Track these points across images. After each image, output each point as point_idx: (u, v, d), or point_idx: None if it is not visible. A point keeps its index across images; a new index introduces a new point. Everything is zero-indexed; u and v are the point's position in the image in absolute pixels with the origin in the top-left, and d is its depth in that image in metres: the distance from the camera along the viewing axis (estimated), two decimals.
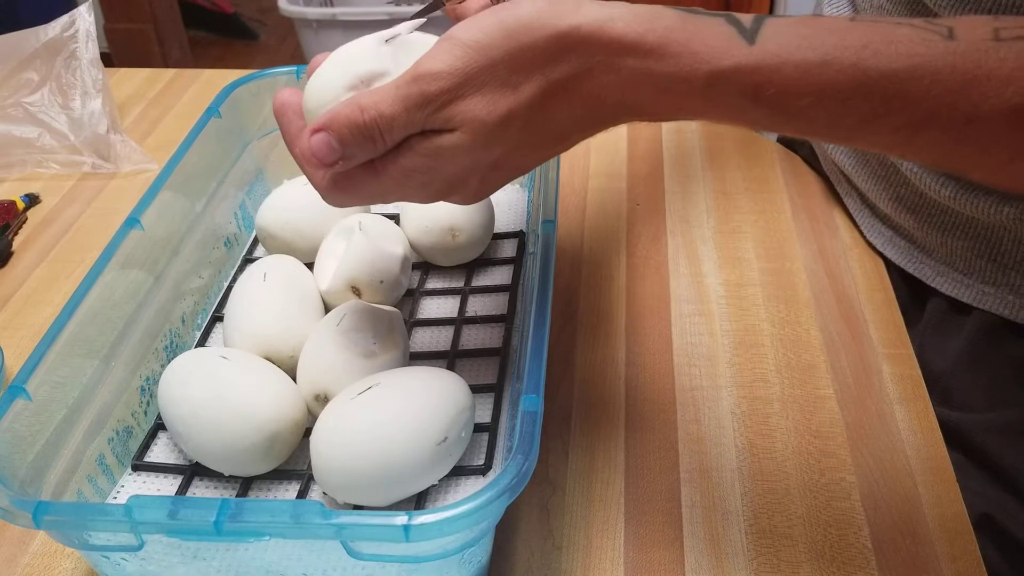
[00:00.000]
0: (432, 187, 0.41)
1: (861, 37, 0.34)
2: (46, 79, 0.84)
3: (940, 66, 0.33)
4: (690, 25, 0.36)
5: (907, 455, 0.53)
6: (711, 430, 0.55)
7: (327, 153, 0.39)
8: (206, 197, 0.62)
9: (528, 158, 0.42)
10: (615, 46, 0.36)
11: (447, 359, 0.57)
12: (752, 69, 0.35)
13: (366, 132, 0.38)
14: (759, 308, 0.64)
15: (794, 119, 0.36)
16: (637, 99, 0.38)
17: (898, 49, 0.34)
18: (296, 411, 0.50)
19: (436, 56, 0.38)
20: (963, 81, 0.33)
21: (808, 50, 0.34)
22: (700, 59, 0.35)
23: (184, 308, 0.59)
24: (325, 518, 0.37)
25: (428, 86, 0.37)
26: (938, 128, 0.34)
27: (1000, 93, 0.33)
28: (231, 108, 0.65)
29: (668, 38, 0.36)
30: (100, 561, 0.43)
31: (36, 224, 0.75)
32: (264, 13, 2.90)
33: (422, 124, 0.38)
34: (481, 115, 0.38)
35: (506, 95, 0.38)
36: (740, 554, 0.49)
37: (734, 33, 0.36)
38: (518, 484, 0.38)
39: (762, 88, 0.35)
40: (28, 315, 0.66)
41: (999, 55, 0.33)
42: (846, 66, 0.34)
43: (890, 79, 0.34)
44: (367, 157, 0.40)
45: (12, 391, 0.43)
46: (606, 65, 0.37)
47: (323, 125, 0.39)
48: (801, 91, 0.34)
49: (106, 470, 0.49)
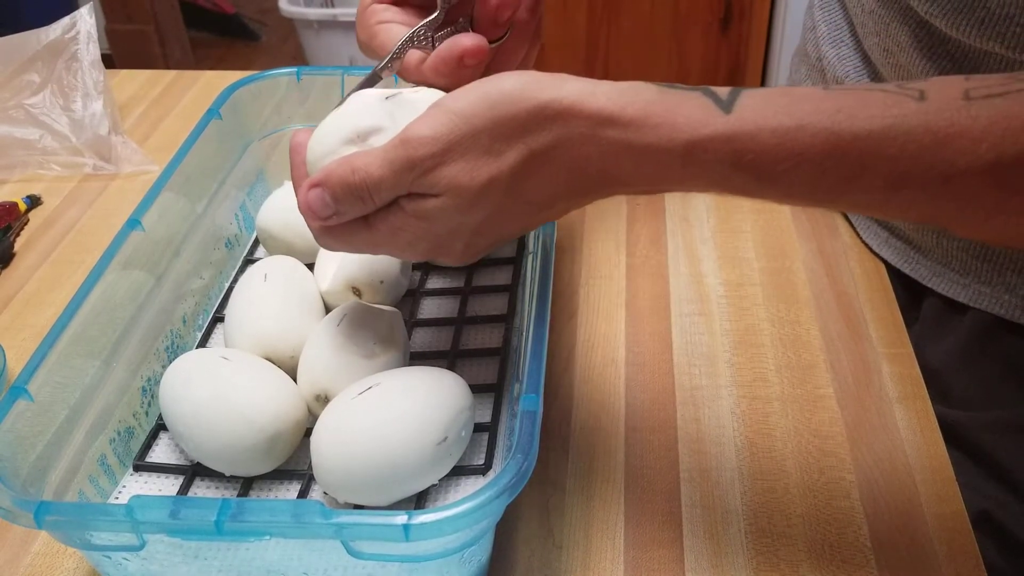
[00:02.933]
0: (419, 246, 0.43)
1: (835, 103, 0.35)
2: (47, 81, 0.84)
3: (913, 125, 0.34)
4: (668, 99, 0.37)
5: (907, 454, 0.54)
6: (711, 429, 0.55)
7: (321, 208, 0.42)
8: (207, 198, 0.62)
9: (510, 225, 0.43)
10: (595, 118, 0.37)
11: (447, 359, 0.57)
12: (730, 137, 0.36)
13: (356, 192, 0.41)
14: (759, 308, 0.64)
15: (774, 184, 0.36)
16: (619, 170, 0.39)
17: (871, 111, 0.35)
18: (297, 411, 0.50)
19: (423, 122, 0.39)
20: (937, 139, 0.34)
21: (784, 116, 0.35)
22: (679, 129, 0.36)
23: (185, 309, 0.59)
24: (326, 518, 0.37)
25: (414, 151, 0.39)
26: (915, 187, 0.35)
27: (974, 150, 0.33)
28: (232, 109, 0.65)
29: (647, 111, 0.37)
30: (102, 561, 0.44)
31: (37, 225, 0.76)
32: (265, 14, 2.90)
33: (408, 187, 0.40)
34: (464, 181, 0.39)
35: (488, 162, 0.39)
36: (740, 553, 0.49)
37: (711, 104, 0.37)
38: (518, 483, 0.39)
39: (741, 155, 0.36)
40: (30, 316, 0.66)
41: (971, 113, 0.34)
42: (820, 130, 0.35)
43: (864, 140, 0.34)
44: (358, 214, 0.42)
45: (14, 392, 0.43)
46: (587, 136, 0.38)
47: (318, 181, 0.42)
48: (779, 156, 0.35)
49: (107, 470, 0.49)
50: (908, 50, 0.57)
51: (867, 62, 0.64)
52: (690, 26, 1.83)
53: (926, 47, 0.56)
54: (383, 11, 0.51)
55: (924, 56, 0.56)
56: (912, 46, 0.57)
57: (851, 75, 0.65)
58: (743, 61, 1.87)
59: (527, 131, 0.38)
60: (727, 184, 0.38)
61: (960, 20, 0.52)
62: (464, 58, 0.46)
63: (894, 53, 0.59)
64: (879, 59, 0.61)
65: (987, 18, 0.51)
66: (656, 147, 0.37)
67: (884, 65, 0.61)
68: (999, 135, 0.33)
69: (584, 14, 1.84)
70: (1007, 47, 0.51)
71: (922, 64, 0.56)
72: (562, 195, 0.41)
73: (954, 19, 0.52)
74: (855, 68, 0.65)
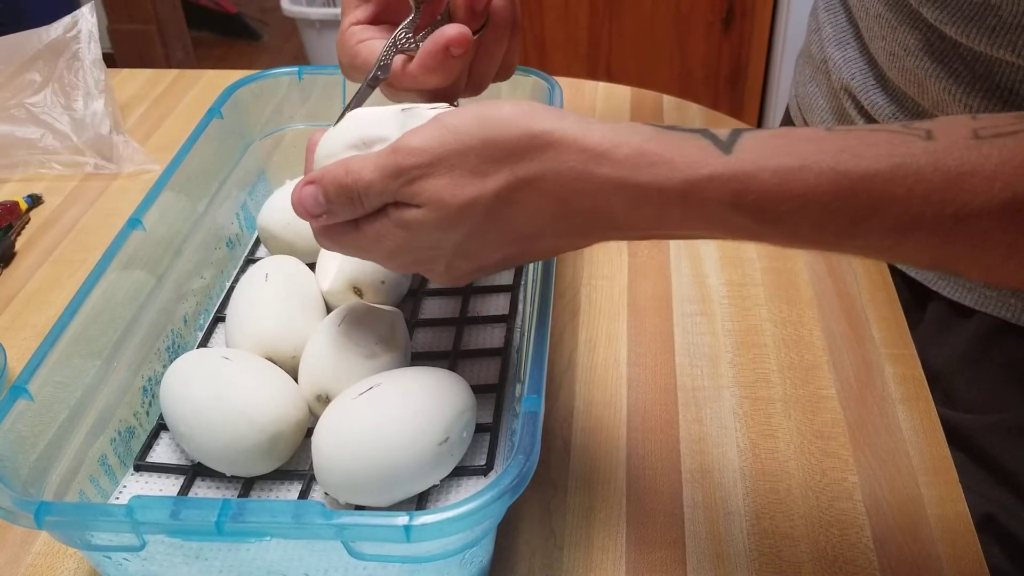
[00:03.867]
0: (400, 258, 0.43)
1: (838, 143, 0.34)
2: (48, 80, 0.84)
3: (922, 165, 0.33)
4: (665, 138, 0.37)
5: (909, 455, 0.53)
6: (713, 430, 0.55)
7: (312, 205, 0.43)
8: (208, 198, 0.62)
9: (492, 252, 0.42)
10: (588, 153, 0.37)
11: (448, 359, 0.57)
12: (729, 177, 0.35)
13: (347, 192, 0.41)
14: (761, 308, 0.64)
15: (778, 225, 0.35)
16: (612, 210, 0.38)
17: (877, 151, 0.34)
18: (298, 411, 0.50)
19: (417, 133, 0.40)
20: (947, 179, 0.33)
21: (785, 156, 0.34)
22: (675, 168, 0.36)
23: (186, 308, 0.59)
24: (326, 518, 0.37)
25: (403, 159, 0.39)
26: (927, 229, 0.33)
27: (988, 189, 0.32)
28: (233, 109, 0.65)
29: (643, 148, 0.36)
30: (102, 561, 0.44)
31: (39, 225, 0.76)
32: (267, 13, 2.90)
33: (394, 194, 0.40)
34: (445, 196, 0.39)
35: (473, 182, 0.39)
36: (742, 554, 0.48)
37: (709, 145, 0.36)
38: (519, 484, 0.39)
39: (741, 195, 0.35)
40: (30, 315, 0.66)
41: (982, 152, 0.33)
42: (825, 169, 0.34)
43: (872, 180, 0.33)
44: (348, 216, 0.42)
45: (14, 391, 0.43)
46: (577, 172, 0.37)
47: (313, 179, 0.42)
48: (781, 196, 0.34)
49: (108, 470, 0.49)
50: (915, 54, 0.57)
51: (873, 65, 0.64)
52: (692, 25, 1.83)
53: (936, 52, 0.56)
54: (362, 31, 0.51)
55: (932, 60, 0.56)
56: (920, 51, 0.56)
57: (857, 77, 0.65)
58: (745, 61, 1.87)
59: (515, 157, 0.38)
60: (728, 227, 0.36)
61: (971, 28, 0.51)
62: (450, 48, 0.46)
63: (900, 57, 0.58)
64: (885, 62, 0.61)
65: (998, 26, 0.50)
66: (651, 187, 0.36)
67: (891, 69, 0.60)
68: (1012, 173, 0.32)
69: (586, 13, 1.84)
70: (1018, 55, 0.50)
71: (931, 67, 0.56)
72: (548, 231, 0.40)
73: (964, 27, 0.52)
74: (860, 71, 0.65)
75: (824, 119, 0.70)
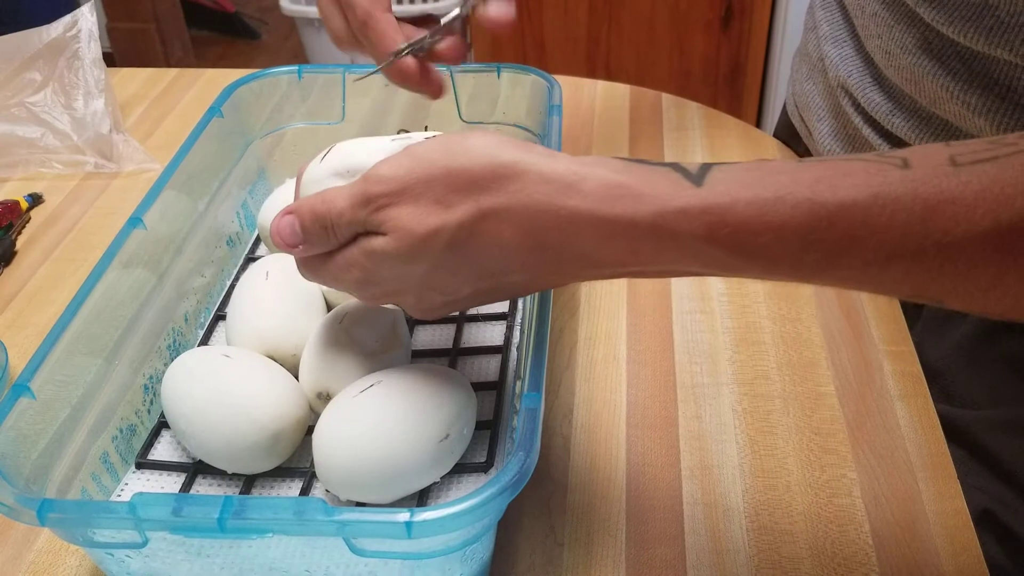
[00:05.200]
0: (369, 289, 0.43)
1: (813, 174, 0.34)
2: (49, 79, 0.84)
3: (900, 194, 0.32)
4: (634, 171, 0.36)
5: (908, 452, 0.54)
6: (712, 427, 0.55)
7: (289, 235, 0.43)
8: (208, 196, 0.62)
9: (461, 285, 0.42)
10: (554, 184, 0.36)
11: (449, 357, 0.57)
12: (702, 210, 0.34)
13: (321, 222, 0.41)
14: (760, 305, 0.64)
15: (756, 259, 0.35)
16: (581, 244, 0.37)
17: (854, 181, 0.33)
18: (298, 409, 0.50)
19: (387, 162, 0.40)
20: (928, 208, 0.32)
21: (759, 188, 0.34)
22: (645, 201, 0.35)
23: (187, 307, 0.59)
24: (328, 515, 0.37)
25: (372, 187, 0.40)
26: (909, 259, 0.33)
27: (969, 217, 0.31)
28: (233, 107, 0.65)
29: (611, 180, 0.36)
30: (104, 558, 0.44)
31: (39, 223, 0.76)
32: (266, 12, 2.90)
33: (363, 223, 0.40)
34: (410, 224, 0.39)
35: (436, 212, 0.39)
36: (741, 550, 0.49)
37: (680, 178, 0.35)
38: (519, 481, 0.39)
39: (715, 228, 0.34)
40: (32, 314, 0.66)
41: (960, 179, 0.32)
42: (801, 200, 0.33)
43: (850, 210, 0.33)
44: (323, 247, 0.42)
45: (16, 389, 0.43)
46: (544, 204, 0.37)
47: (291, 209, 0.43)
48: (757, 229, 0.34)
49: (110, 468, 0.50)
50: (912, 52, 0.57)
51: (869, 63, 0.64)
52: (691, 24, 1.83)
53: (932, 50, 0.56)
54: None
55: (929, 59, 0.56)
56: (916, 49, 0.57)
57: (853, 75, 0.65)
58: (743, 59, 1.87)
59: (480, 188, 0.38)
60: (704, 261, 0.36)
61: (968, 28, 0.52)
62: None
63: (897, 55, 0.58)
64: (882, 60, 0.61)
65: (996, 26, 0.50)
66: (622, 219, 0.35)
67: (887, 67, 0.61)
68: (993, 200, 0.31)
69: (585, 12, 1.84)
70: (1016, 54, 0.50)
71: (928, 66, 0.56)
72: (516, 266, 0.39)
73: (962, 26, 0.52)
74: (857, 69, 0.65)
75: (821, 117, 0.71)
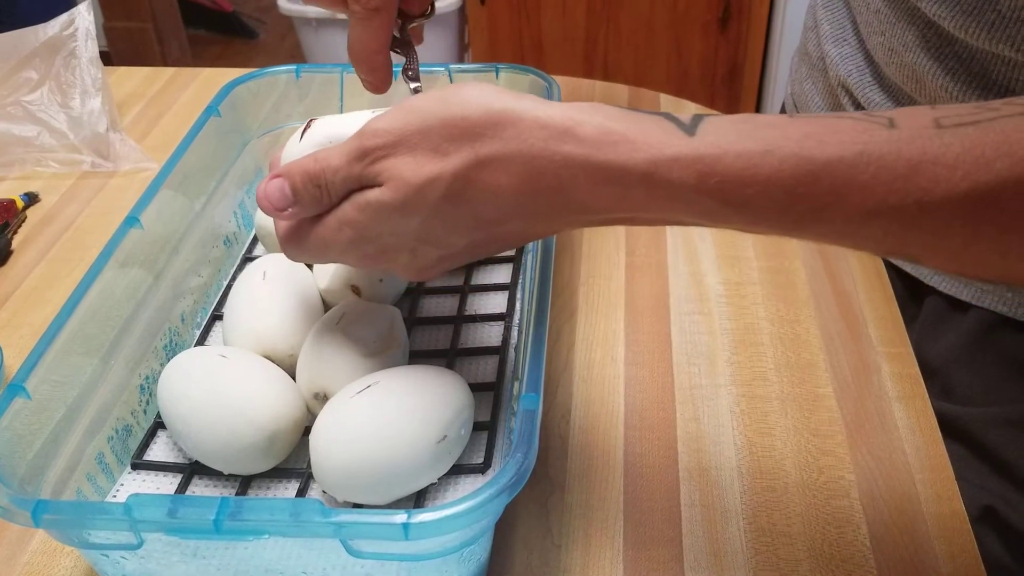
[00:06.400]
0: (362, 247, 0.43)
1: (801, 129, 0.35)
2: (45, 78, 0.84)
3: (885, 152, 0.33)
4: (629, 119, 0.37)
5: (906, 453, 0.53)
6: (710, 428, 0.55)
7: (279, 199, 0.42)
8: (205, 196, 0.62)
9: (457, 238, 0.42)
10: (550, 130, 0.37)
11: (446, 358, 0.57)
12: (693, 159, 0.35)
13: (314, 180, 0.41)
14: (758, 307, 0.64)
15: (742, 209, 0.35)
16: (575, 189, 0.38)
17: (841, 138, 0.34)
18: (295, 410, 0.50)
19: (383, 116, 0.40)
20: (910, 167, 0.33)
21: (749, 141, 0.35)
22: (638, 148, 0.36)
23: (183, 307, 0.59)
24: (324, 516, 0.37)
25: (368, 141, 0.40)
26: (889, 216, 0.34)
27: (949, 178, 0.33)
28: (230, 107, 0.65)
29: (606, 127, 0.37)
30: (99, 559, 0.44)
31: (35, 223, 0.75)
32: (263, 12, 2.90)
33: (358, 177, 0.41)
34: (407, 174, 0.39)
35: (433, 160, 0.39)
36: (739, 552, 0.49)
37: (673, 127, 0.36)
38: (517, 482, 0.39)
39: (706, 177, 0.35)
40: (27, 314, 0.66)
41: (943, 140, 0.33)
42: (788, 155, 0.34)
43: (836, 166, 0.34)
44: (316, 208, 0.42)
45: (11, 389, 0.43)
46: (540, 149, 0.37)
47: (281, 172, 0.43)
48: (745, 180, 0.35)
49: (105, 469, 0.49)
50: (914, 50, 0.57)
51: (870, 61, 0.64)
52: (689, 24, 1.84)
53: (933, 47, 0.56)
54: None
55: (930, 56, 0.56)
56: (918, 46, 0.57)
57: (853, 74, 0.65)
58: (741, 59, 1.87)
59: (476, 135, 0.38)
60: (691, 209, 0.37)
61: (969, 23, 0.52)
62: None
63: (899, 52, 0.59)
64: (883, 58, 0.61)
65: (997, 21, 0.50)
66: (614, 164, 0.36)
67: (888, 64, 0.61)
68: (973, 163, 0.32)
69: (583, 12, 1.84)
70: (1016, 50, 0.51)
71: (928, 64, 0.56)
72: (512, 213, 0.40)
73: (963, 21, 0.52)
74: (857, 67, 0.65)
75: None
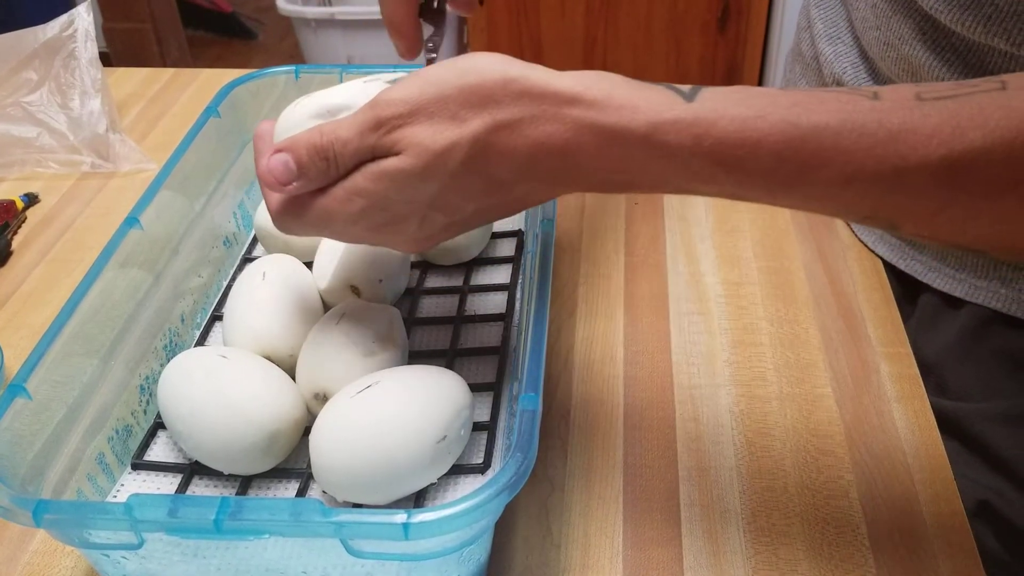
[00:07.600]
0: (372, 217, 0.43)
1: (792, 98, 0.37)
2: (45, 79, 0.84)
3: (867, 121, 0.36)
4: (632, 86, 0.39)
5: (905, 453, 0.54)
6: (709, 428, 0.55)
7: (283, 172, 0.42)
8: (205, 196, 0.62)
9: (467, 203, 0.43)
10: (560, 97, 0.39)
11: (446, 358, 0.57)
12: (691, 122, 0.38)
13: (322, 153, 0.41)
14: (757, 307, 0.64)
15: (733, 170, 0.38)
16: (580, 151, 0.40)
17: (827, 107, 0.36)
18: (295, 410, 0.50)
19: (397, 86, 0.41)
20: (890, 135, 0.35)
21: (743, 107, 0.37)
22: (640, 111, 0.38)
23: (183, 307, 0.59)
24: (324, 516, 0.37)
25: (383, 111, 0.40)
26: (868, 180, 0.36)
27: (925, 146, 0.35)
28: (230, 107, 0.65)
29: (611, 93, 0.39)
30: (100, 559, 0.44)
31: (35, 223, 0.75)
32: (262, 12, 2.90)
33: (372, 147, 0.41)
34: (425, 141, 0.40)
35: (452, 127, 0.40)
36: (738, 552, 0.49)
37: (673, 94, 0.39)
38: (517, 482, 0.39)
39: (700, 139, 0.37)
40: (28, 314, 0.66)
41: (923, 111, 0.35)
42: (777, 120, 0.37)
43: (821, 132, 0.36)
44: (321, 181, 0.42)
45: (12, 390, 0.43)
46: (551, 114, 0.39)
47: (283, 146, 0.42)
48: (736, 142, 0.37)
49: (106, 469, 0.49)
50: (910, 43, 0.57)
51: (865, 58, 0.64)
52: (688, 25, 1.84)
53: (929, 40, 0.56)
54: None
55: (927, 49, 0.56)
56: (915, 39, 0.57)
57: (848, 72, 0.65)
58: (740, 60, 1.87)
59: (493, 102, 0.40)
60: (686, 170, 0.39)
61: (966, 16, 0.52)
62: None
63: (895, 46, 0.59)
64: (878, 53, 0.61)
65: (994, 15, 0.51)
66: (617, 126, 0.38)
67: (884, 59, 0.61)
68: (949, 133, 0.35)
69: (582, 12, 1.84)
70: (1012, 43, 0.51)
71: (925, 57, 0.57)
72: (523, 175, 0.41)
73: (960, 15, 0.52)
74: (852, 64, 0.65)
75: None
